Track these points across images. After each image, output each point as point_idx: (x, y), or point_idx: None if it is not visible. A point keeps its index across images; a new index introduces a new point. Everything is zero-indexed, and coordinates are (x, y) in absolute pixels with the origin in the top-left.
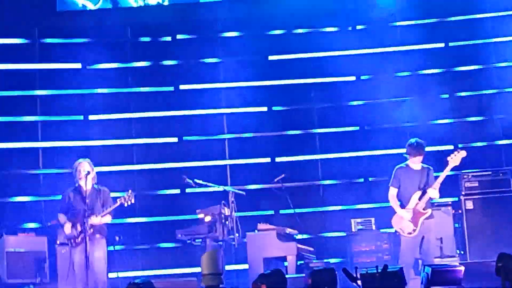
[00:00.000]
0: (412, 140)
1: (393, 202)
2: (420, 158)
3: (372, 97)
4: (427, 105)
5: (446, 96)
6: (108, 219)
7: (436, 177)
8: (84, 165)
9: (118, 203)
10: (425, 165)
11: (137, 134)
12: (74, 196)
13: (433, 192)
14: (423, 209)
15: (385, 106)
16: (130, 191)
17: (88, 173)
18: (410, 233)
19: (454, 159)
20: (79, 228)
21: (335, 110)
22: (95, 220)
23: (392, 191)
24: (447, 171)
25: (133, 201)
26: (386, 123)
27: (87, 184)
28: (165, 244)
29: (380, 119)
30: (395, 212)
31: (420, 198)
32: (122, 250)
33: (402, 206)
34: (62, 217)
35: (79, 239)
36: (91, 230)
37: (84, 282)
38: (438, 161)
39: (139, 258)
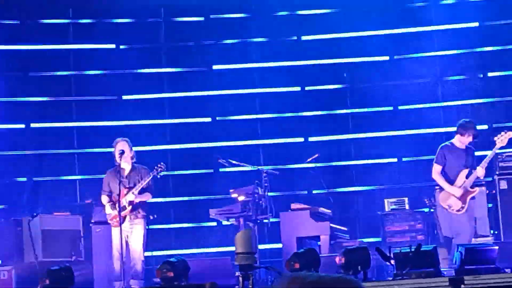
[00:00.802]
0: (465, 120)
1: (440, 179)
2: (470, 138)
3: (405, 77)
4: (460, 85)
5: (480, 76)
6: (147, 197)
7: (482, 157)
8: (119, 145)
9: (151, 176)
10: (468, 145)
11: (171, 114)
12: (113, 176)
13: (481, 171)
14: (471, 188)
15: (418, 86)
16: (161, 163)
17: (122, 151)
18: (458, 211)
19: (502, 140)
20: (117, 208)
21: (368, 90)
22: (130, 197)
23: (437, 168)
24: (494, 151)
25: (163, 171)
26: (418, 103)
27: (122, 163)
28: (199, 223)
29: (412, 99)
30: (436, 190)
31: (467, 177)
32: (157, 229)
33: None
34: (104, 198)
35: (118, 219)
36: (130, 207)
37: (121, 261)
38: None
39: (173, 237)
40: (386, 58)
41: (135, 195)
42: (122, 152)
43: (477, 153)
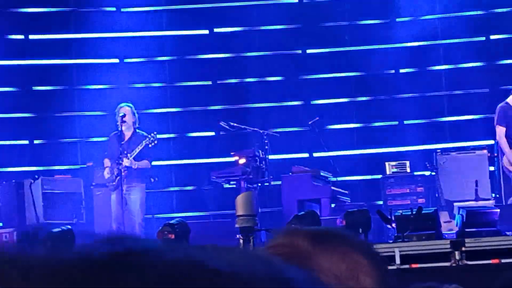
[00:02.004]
0: None
1: (503, 144)
2: None
3: (406, 40)
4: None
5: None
6: (145, 164)
7: None
8: (121, 110)
9: (143, 144)
10: None
11: (172, 78)
12: (114, 141)
13: None
14: None
15: (418, 49)
16: (154, 133)
17: (124, 116)
18: None
19: None
20: (115, 172)
21: (368, 52)
22: (126, 162)
23: (502, 130)
24: None
25: (156, 142)
26: (418, 67)
27: (123, 128)
28: (200, 186)
29: (413, 63)
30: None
31: None
32: (158, 192)
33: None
34: (106, 161)
35: (116, 182)
36: (125, 172)
37: (119, 223)
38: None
39: (174, 200)
40: (387, 20)
41: (130, 161)
42: (123, 116)
43: None
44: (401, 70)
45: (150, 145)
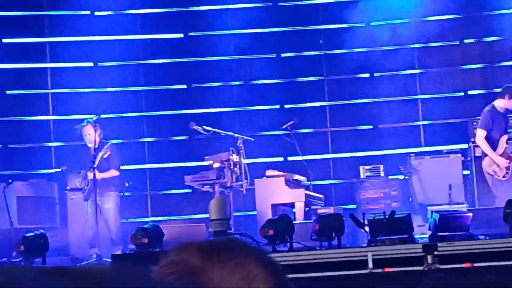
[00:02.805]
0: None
1: (484, 145)
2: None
3: (381, 44)
4: (432, 52)
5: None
6: (112, 173)
7: None
8: (84, 130)
9: (100, 155)
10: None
11: (146, 81)
12: (84, 149)
13: None
14: None
15: (394, 52)
16: (109, 143)
17: (87, 134)
18: (504, 177)
19: None
20: (84, 182)
21: (343, 56)
22: (90, 175)
23: (482, 133)
24: None
25: (109, 152)
26: (395, 70)
27: (88, 144)
28: (174, 190)
29: (389, 66)
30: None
31: (507, 142)
32: (132, 196)
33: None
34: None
35: (86, 192)
36: (92, 183)
37: (94, 231)
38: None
39: (148, 204)
40: (362, 24)
41: (93, 174)
42: (86, 135)
43: None
44: (376, 74)
45: (104, 156)
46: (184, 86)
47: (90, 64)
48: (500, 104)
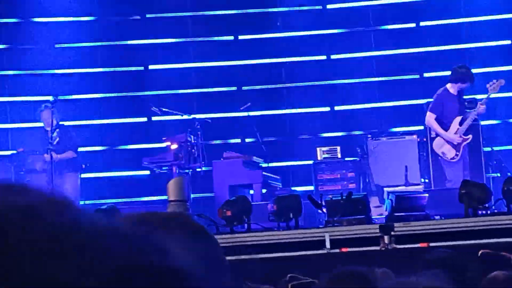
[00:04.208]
0: (459, 66)
1: (435, 125)
2: (466, 86)
3: (338, 26)
4: (391, 34)
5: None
6: (68, 154)
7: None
8: (43, 114)
9: (56, 137)
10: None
11: (103, 63)
12: (42, 131)
13: (482, 107)
14: (464, 135)
15: (353, 35)
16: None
17: (47, 117)
18: (453, 158)
19: (494, 87)
20: (42, 164)
21: (301, 38)
22: (47, 157)
23: (431, 116)
24: (486, 99)
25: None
26: (352, 52)
27: (47, 125)
28: (132, 172)
29: (344, 49)
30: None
31: (460, 124)
32: (88, 178)
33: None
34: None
35: (45, 174)
36: (46, 166)
37: None
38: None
39: (106, 186)
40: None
41: (50, 155)
42: (46, 119)
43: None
44: (332, 56)
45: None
46: (141, 68)
47: (47, 45)
48: (452, 87)
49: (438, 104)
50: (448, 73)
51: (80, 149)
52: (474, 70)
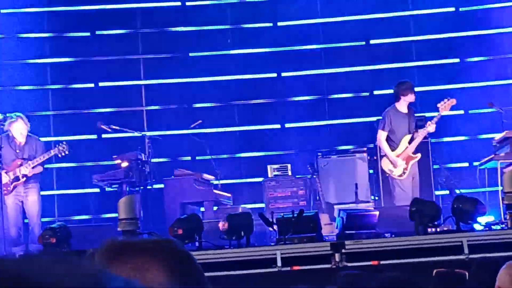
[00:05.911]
0: (401, 81)
1: (384, 146)
2: (412, 96)
3: (288, 44)
4: (339, 52)
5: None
6: (39, 169)
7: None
8: (14, 126)
9: (52, 153)
10: (410, 107)
11: (54, 79)
12: (6, 144)
13: (432, 127)
14: (413, 153)
15: (300, 53)
16: (64, 142)
17: (22, 129)
18: (400, 176)
19: (445, 106)
20: (11, 177)
21: (250, 56)
22: (25, 170)
23: (383, 135)
24: (437, 118)
25: (67, 152)
26: (302, 71)
27: (16, 135)
28: (82, 189)
29: (294, 67)
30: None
31: (409, 142)
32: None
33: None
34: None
35: (11, 187)
36: (23, 179)
37: (18, 227)
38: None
39: (56, 203)
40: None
41: (29, 170)
42: (21, 129)
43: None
44: (283, 74)
45: (60, 155)
46: (92, 85)
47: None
48: (401, 103)
49: (387, 122)
50: None
51: None
52: (424, 88)
